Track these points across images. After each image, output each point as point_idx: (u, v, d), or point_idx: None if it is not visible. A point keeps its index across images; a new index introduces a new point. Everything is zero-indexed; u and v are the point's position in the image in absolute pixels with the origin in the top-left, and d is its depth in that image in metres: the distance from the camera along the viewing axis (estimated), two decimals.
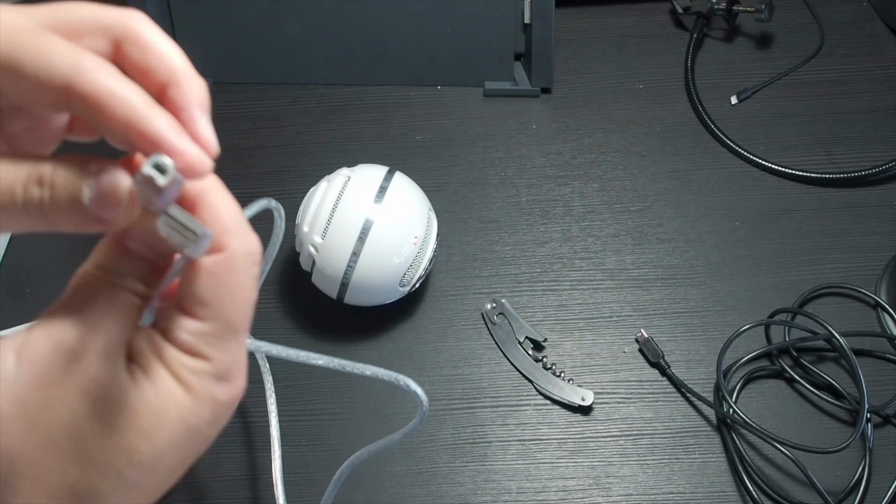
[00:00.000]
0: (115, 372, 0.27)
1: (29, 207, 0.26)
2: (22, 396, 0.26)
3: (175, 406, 0.28)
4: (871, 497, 0.65)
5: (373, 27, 0.86)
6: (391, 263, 0.68)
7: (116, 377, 0.27)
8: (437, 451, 0.69)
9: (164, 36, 0.28)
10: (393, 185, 0.69)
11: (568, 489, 0.67)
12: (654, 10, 0.94)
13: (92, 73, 0.26)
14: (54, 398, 0.26)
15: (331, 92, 0.89)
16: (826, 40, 0.91)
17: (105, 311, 0.27)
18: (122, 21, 0.27)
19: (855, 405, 0.67)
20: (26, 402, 0.26)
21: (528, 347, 0.73)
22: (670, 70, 0.89)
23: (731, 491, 0.66)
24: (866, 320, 0.74)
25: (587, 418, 0.70)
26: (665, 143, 0.85)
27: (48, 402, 0.26)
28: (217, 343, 0.28)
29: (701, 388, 0.70)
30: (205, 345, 0.28)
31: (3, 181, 0.26)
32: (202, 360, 0.28)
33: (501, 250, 0.79)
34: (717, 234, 0.79)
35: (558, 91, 0.88)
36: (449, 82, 0.89)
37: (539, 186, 0.82)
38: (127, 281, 0.28)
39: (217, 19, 0.86)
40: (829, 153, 0.83)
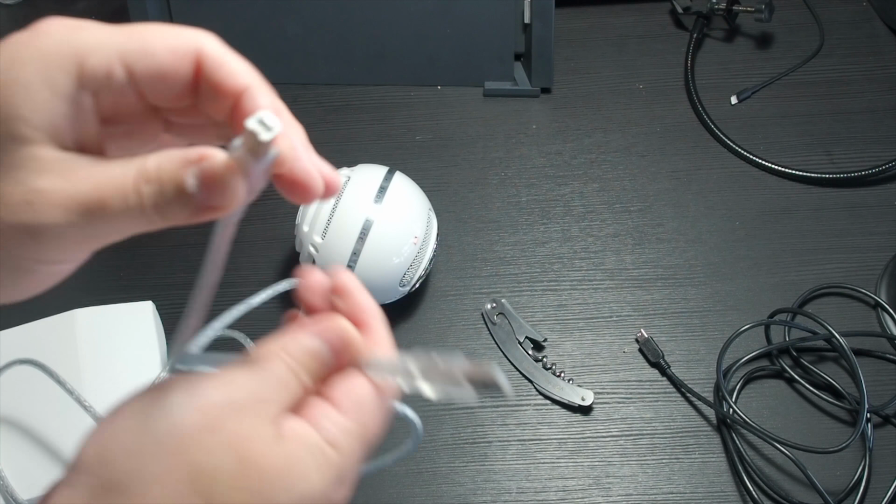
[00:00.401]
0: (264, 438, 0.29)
1: (143, 207, 0.28)
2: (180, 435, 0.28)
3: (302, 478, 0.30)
4: (871, 497, 0.65)
5: (373, 27, 0.86)
6: (391, 263, 0.68)
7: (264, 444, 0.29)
8: (437, 451, 0.69)
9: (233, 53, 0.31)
10: (393, 185, 0.69)
11: (568, 489, 0.67)
12: (654, 10, 0.94)
13: (216, 43, 0.30)
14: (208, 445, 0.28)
15: (331, 92, 0.89)
16: (826, 40, 0.91)
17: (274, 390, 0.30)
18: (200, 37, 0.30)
19: (855, 405, 0.67)
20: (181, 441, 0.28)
21: (528, 347, 0.73)
22: (670, 70, 0.89)
23: (731, 491, 0.66)
24: (866, 320, 0.74)
25: (587, 418, 0.70)
26: (665, 143, 0.85)
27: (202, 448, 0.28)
28: (351, 442, 0.31)
29: (701, 388, 0.70)
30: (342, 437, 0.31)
31: (114, 184, 0.28)
32: (335, 451, 0.31)
33: (501, 250, 0.79)
34: (717, 234, 0.79)
35: (558, 91, 0.88)
36: (449, 82, 0.89)
37: (539, 186, 0.82)
38: (303, 375, 0.31)
39: (217, 19, 0.86)
40: (829, 153, 0.83)
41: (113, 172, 0.28)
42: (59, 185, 0.27)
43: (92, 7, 0.96)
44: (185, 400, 0.29)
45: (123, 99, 0.30)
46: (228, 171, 0.28)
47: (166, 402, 0.29)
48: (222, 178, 0.28)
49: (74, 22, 0.29)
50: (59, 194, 0.27)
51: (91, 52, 0.28)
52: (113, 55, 0.29)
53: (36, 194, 0.27)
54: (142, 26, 0.30)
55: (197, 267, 0.32)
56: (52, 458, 0.62)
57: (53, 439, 0.63)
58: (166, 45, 0.29)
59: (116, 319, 0.67)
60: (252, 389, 0.30)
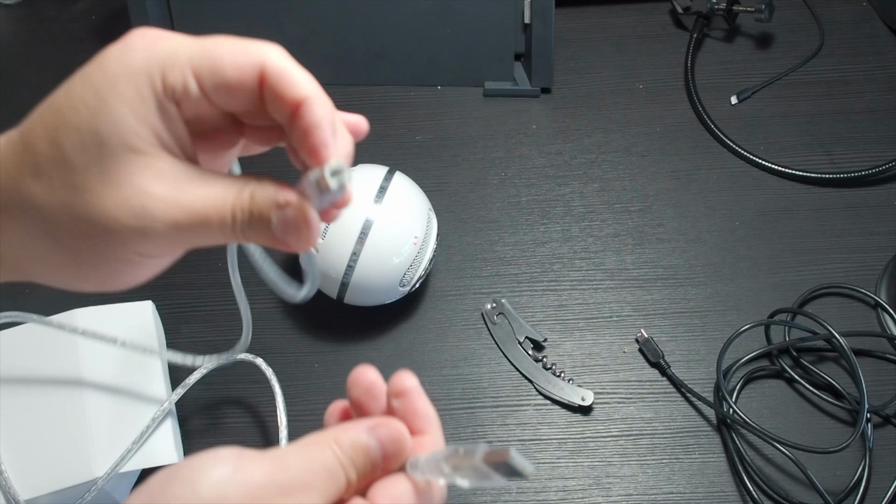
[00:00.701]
0: None
1: (234, 229, 0.32)
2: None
3: None
4: (871, 497, 0.65)
5: (373, 27, 0.86)
6: (391, 263, 0.68)
7: None
8: None
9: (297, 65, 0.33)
10: (393, 185, 0.69)
11: (568, 489, 0.67)
12: (654, 10, 0.94)
13: (279, 54, 0.32)
14: None
15: (331, 92, 0.87)
16: (826, 40, 0.91)
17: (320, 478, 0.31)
18: (264, 51, 0.32)
19: (855, 405, 0.67)
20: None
21: (528, 347, 0.73)
22: (670, 70, 0.89)
23: (731, 491, 0.66)
24: (866, 320, 0.74)
25: (587, 418, 0.70)
26: (665, 143, 0.85)
27: None
28: None
29: (701, 388, 0.70)
30: None
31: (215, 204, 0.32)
32: None
33: (501, 250, 0.79)
34: (717, 234, 0.79)
35: (558, 91, 0.88)
36: (449, 82, 0.89)
37: (539, 186, 0.82)
38: (350, 469, 0.32)
39: (217, 19, 0.86)
40: (829, 153, 0.83)
41: (216, 192, 0.32)
42: (171, 194, 0.31)
43: (92, 7, 0.96)
44: (233, 476, 0.30)
45: (201, 108, 0.33)
46: (304, 221, 0.32)
47: (216, 475, 0.30)
48: (298, 226, 0.32)
49: (155, 35, 0.32)
50: (170, 202, 0.31)
51: (169, 68, 0.31)
52: (187, 71, 0.31)
53: (151, 200, 0.31)
54: (213, 41, 0.32)
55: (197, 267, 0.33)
56: (53, 458, 0.62)
57: (54, 439, 0.63)
58: (233, 60, 0.32)
59: (116, 319, 0.67)
60: (298, 474, 0.31)
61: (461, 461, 0.31)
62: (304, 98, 0.32)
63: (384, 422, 0.34)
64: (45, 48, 0.94)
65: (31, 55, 0.93)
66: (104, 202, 0.31)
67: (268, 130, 0.36)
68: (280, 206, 0.32)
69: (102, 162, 0.31)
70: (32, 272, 0.35)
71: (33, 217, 0.32)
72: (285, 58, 0.33)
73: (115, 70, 0.31)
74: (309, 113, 0.32)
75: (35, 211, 0.32)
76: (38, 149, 0.32)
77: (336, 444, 0.32)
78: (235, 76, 0.32)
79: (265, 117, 0.34)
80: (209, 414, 0.71)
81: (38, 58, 0.93)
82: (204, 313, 0.75)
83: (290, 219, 0.32)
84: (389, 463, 0.33)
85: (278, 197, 0.32)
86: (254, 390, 0.71)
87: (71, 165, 0.31)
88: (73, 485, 0.61)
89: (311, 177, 0.32)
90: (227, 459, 0.30)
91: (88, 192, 0.31)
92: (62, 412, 0.63)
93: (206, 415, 0.71)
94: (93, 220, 0.31)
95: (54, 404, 0.64)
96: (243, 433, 0.70)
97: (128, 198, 0.31)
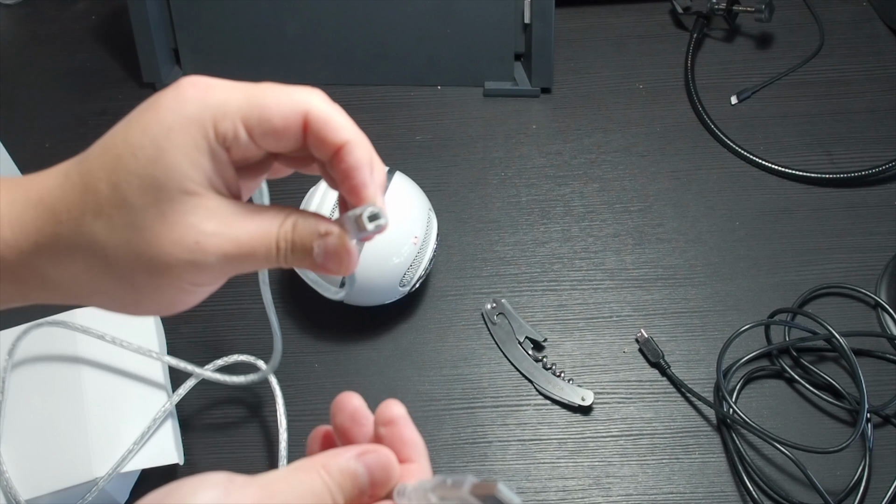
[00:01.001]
0: None
1: (279, 258, 0.36)
2: None
3: None
4: (871, 497, 0.65)
5: (373, 27, 0.86)
6: (391, 263, 0.68)
7: None
8: (437, 451, 0.69)
9: (338, 109, 0.36)
10: (393, 186, 0.69)
11: (568, 489, 0.67)
12: (654, 10, 0.94)
13: (322, 101, 0.35)
14: None
15: (331, 92, 0.87)
16: (826, 40, 0.91)
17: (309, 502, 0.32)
18: (308, 98, 0.35)
19: (855, 405, 0.67)
20: None
21: (528, 347, 0.73)
22: (670, 70, 0.89)
23: (731, 491, 0.66)
24: (866, 320, 0.74)
25: (587, 418, 0.70)
26: (665, 143, 0.85)
27: None
28: None
29: (701, 388, 0.70)
30: None
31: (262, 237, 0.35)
32: None
33: (501, 250, 0.79)
34: (717, 234, 0.79)
35: (558, 91, 0.88)
36: (449, 82, 0.89)
37: (539, 186, 0.82)
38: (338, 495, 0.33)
39: (217, 19, 0.86)
40: (829, 153, 0.83)
41: (261, 226, 0.35)
42: (222, 230, 0.34)
43: (92, 7, 0.96)
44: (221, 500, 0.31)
45: (249, 151, 0.35)
46: (345, 251, 0.35)
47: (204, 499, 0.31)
48: (339, 255, 0.35)
49: (205, 84, 0.34)
50: (221, 238, 0.34)
51: (221, 118, 0.34)
52: (237, 120, 0.34)
53: (204, 236, 0.34)
54: (261, 89, 0.35)
55: None
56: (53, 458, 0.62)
57: (55, 439, 0.63)
58: (279, 110, 0.34)
59: (116, 319, 0.67)
60: (287, 500, 0.32)
61: (449, 492, 0.32)
62: (346, 142, 0.35)
63: (372, 448, 0.34)
64: (45, 48, 0.94)
65: (31, 55, 0.93)
66: (161, 240, 0.34)
67: (300, 159, 0.39)
68: (321, 236, 0.35)
69: (160, 204, 0.34)
70: (88, 300, 0.37)
71: (94, 253, 0.35)
72: (327, 103, 0.35)
73: (171, 120, 0.34)
74: (349, 157, 0.35)
75: (96, 247, 0.35)
76: (100, 190, 0.34)
77: (324, 469, 0.33)
78: (282, 124, 0.34)
79: (303, 152, 0.37)
80: (209, 414, 0.71)
81: (38, 58, 0.93)
82: (204, 313, 0.75)
83: (331, 247, 0.35)
84: (377, 490, 0.34)
85: (319, 227, 0.35)
86: (254, 391, 0.71)
87: (130, 207, 0.34)
88: (73, 485, 0.61)
89: (351, 214, 0.35)
90: (217, 484, 0.31)
91: (147, 231, 0.34)
92: (63, 412, 0.63)
93: (206, 415, 0.71)
94: (151, 256, 0.34)
95: (55, 404, 0.64)
96: (243, 434, 0.70)
97: (183, 235, 0.34)
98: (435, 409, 0.70)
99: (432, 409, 0.70)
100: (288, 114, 0.34)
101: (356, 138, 0.36)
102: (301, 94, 0.35)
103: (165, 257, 0.34)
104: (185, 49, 0.88)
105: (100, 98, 0.89)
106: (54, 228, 0.35)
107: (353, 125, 0.36)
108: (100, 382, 0.65)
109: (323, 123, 0.35)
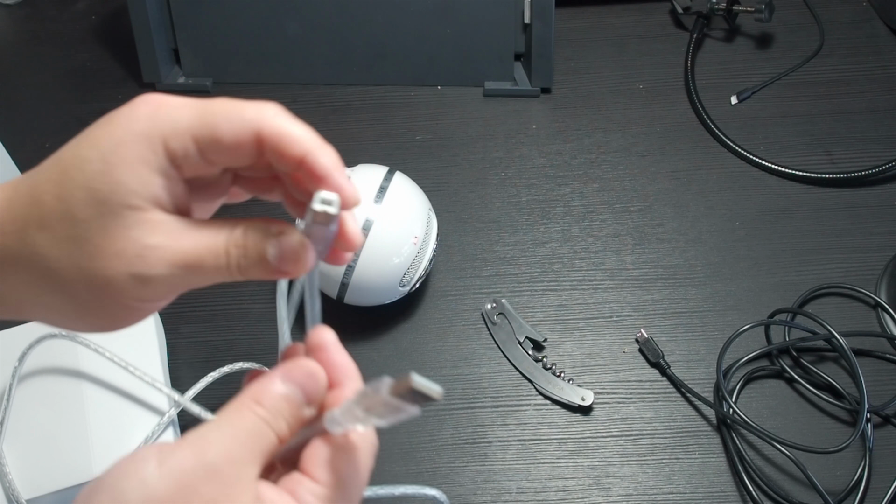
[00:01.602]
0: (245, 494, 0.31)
1: (230, 266, 0.34)
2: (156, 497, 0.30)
3: None
4: (871, 497, 0.65)
5: (373, 27, 0.86)
6: (391, 263, 0.68)
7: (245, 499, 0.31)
8: (437, 451, 0.69)
9: (294, 120, 0.35)
10: (393, 185, 0.69)
11: (568, 489, 0.67)
12: (654, 10, 0.94)
13: (274, 116, 0.34)
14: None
15: (331, 92, 0.89)
16: (826, 40, 0.91)
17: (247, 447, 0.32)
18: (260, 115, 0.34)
19: (855, 405, 0.68)
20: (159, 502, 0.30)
21: (528, 347, 0.73)
22: (670, 70, 0.89)
23: (731, 491, 0.66)
24: (866, 320, 0.74)
25: (587, 418, 0.70)
26: (665, 143, 0.85)
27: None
28: None
29: (701, 388, 0.70)
30: None
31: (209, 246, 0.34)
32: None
33: (501, 250, 0.79)
34: (717, 234, 0.79)
35: (558, 91, 0.88)
36: (449, 82, 0.89)
37: (539, 186, 0.82)
38: (277, 422, 0.33)
39: (217, 19, 0.86)
40: (829, 153, 0.83)
41: (208, 236, 0.34)
42: (166, 243, 0.34)
43: (92, 7, 0.96)
44: (156, 471, 0.30)
45: (201, 168, 0.35)
46: (301, 246, 0.34)
47: (139, 475, 0.31)
48: (295, 252, 0.34)
49: (157, 102, 0.34)
50: (166, 250, 0.34)
51: (171, 135, 0.33)
52: (188, 138, 0.34)
53: (147, 250, 0.33)
54: (212, 106, 0.34)
55: None
56: (54, 458, 0.62)
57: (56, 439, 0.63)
58: (230, 127, 0.34)
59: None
60: (223, 449, 0.31)
61: (372, 401, 0.31)
62: (306, 153, 0.34)
63: (293, 365, 0.34)
64: (45, 48, 0.94)
65: (31, 55, 0.93)
66: (103, 253, 0.33)
67: (259, 181, 0.38)
68: (274, 235, 0.34)
69: (103, 218, 0.33)
70: (31, 314, 0.37)
71: (36, 265, 0.34)
72: (281, 117, 0.34)
73: (121, 135, 0.34)
74: (315, 166, 0.34)
75: (39, 259, 0.34)
76: (45, 203, 0.34)
77: (256, 404, 0.33)
78: (233, 141, 0.34)
79: (262, 169, 0.36)
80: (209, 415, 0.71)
81: (38, 58, 0.93)
82: (204, 313, 0.75)
83: (286, 245, 0.34)
84: (314, 401, 0.34)
85: (271, 228, 0.34)
86: None
87: (74, 219, 0.33)
88: (74, 484, 0.61)
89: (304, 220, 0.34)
90: (147, 457, 0.31)
91: (89, 244, 0.33)
92: (63, 412, 0.63)
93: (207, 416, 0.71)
94: (92, 269, 0.34)
95: (56, 404, 0.64)
96: None
97: (125, 248, 0.33)
98: (435, 409, 0.70)
99: (432, 409, 0.70)
100: (239, 131, 0.34)
101: (317, 147, 0.34)
102: (253, 111, 0.34)
103: (107, 270, 0.33)
104: (185, 49, 0.88)
105: (100, 98, 0.89)
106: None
107: (312, 135, 0.35)
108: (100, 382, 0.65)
109: (278, 138, 0.34)
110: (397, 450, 0.69)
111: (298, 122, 0.35)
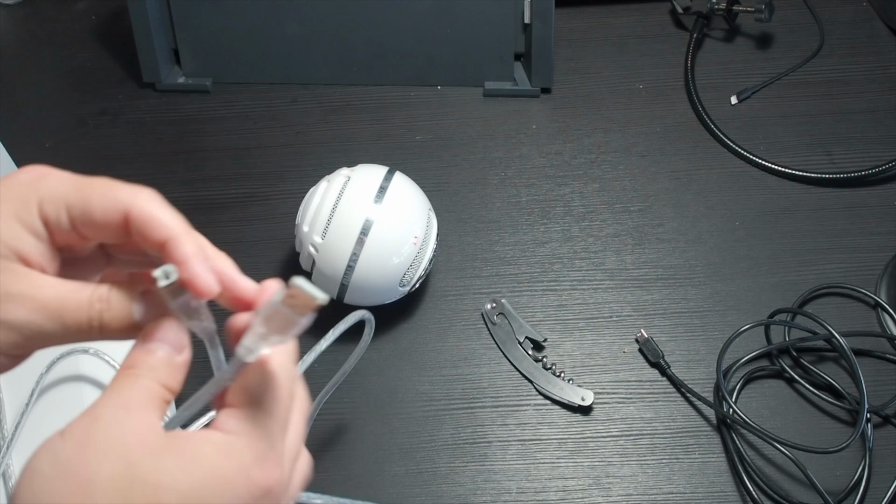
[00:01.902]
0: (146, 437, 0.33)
1: (92, 319, 0.35)
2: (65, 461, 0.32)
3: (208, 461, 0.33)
4: (871, 497, 0.65)
5: (373, 27, 0.86)
6: (391, 263, 0.68)
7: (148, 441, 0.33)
8: (437, 451, 0.69)
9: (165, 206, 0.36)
10: (393, 185, 0.69)
11: (568, 489, 0.67)
12: (654, 10, 0.94)
13: (145, 200, 0.36)
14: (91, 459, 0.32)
15: (331, 92, 0.89)
16: (826, 40, 0.91)
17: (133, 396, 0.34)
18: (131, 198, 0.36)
19: (855, 405, 0.67)
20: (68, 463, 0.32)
21: (528, 347, 0.73)
22: (670, 70, 0.89)
23: (731, 491, 0.66)
24: (866, 320, 0.74)
25: (587, 418, 0.70)
26: (665, 143, 0.85)
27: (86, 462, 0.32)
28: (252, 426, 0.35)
29: (701, 388, 0.70)
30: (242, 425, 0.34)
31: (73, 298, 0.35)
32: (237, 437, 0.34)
33: (501, 250, 0.79)
34: (717, 234, 0.79)
35: (558, 91, 0.88)
36: (449, 82, 0.89)
37: (539, 186, 0.82)
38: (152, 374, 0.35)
39: (217, 19, 0.86)
40: (829, 153, 0.83)
41: (73, 288, 0.35)
42: (29, 292, 0.35)
43: (92, 7, 0.96)
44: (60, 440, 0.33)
45: (72, 238, 0.37)
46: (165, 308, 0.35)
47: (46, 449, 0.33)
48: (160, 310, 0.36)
49: (41, 172, 0.36)
50: (25, 299, 0.35)
51: (47, 201, 0.36)
52: (61, 206, 0.36)
53: (9, 296, 0.34)
54: (89, 183, 0.36)
55: None
56: None
57: None
58: (102, 204, 0.36)
59: None
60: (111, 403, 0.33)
61: (271, 315, 0.33)
62: (168, 239, 0.36)
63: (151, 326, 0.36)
64: (45, 48, 0.94)
65: (31, 55, 0.93)
66: None
67: (134, 263, 0.40)
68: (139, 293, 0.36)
69: None
70: None
71: None
72: (152, 202, 0.36)
73: (1, 194, 0.36)
74: (175, 252, 0.35)
75: None
76: None
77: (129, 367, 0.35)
78: (102, 218, 0.36)
79: (132, 251, 0.38)
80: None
81: (38, 58, 0.93)
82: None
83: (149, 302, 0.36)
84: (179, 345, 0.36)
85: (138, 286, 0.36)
86: None
87: None
88: None
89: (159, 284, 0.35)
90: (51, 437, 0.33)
91: None
92: (65, 412, 0.63)
93: None
94: None
95: (57, 405, 0.64)
96: None
97: None
98: (435, 409, 0.70)
99: (432, 409, 0.70)
100: (109, 209, 0.36)
101: (180, 234, 0.36)
102: (126, 192, 0.36)
103: None
104: (185, 49, 0.88)
105: (100, 98, 0.89)
106: None
107: (180, 222, 0.36)
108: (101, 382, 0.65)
109: (144, 221, 0.36)
110: (397, 450, 0.69)
111: (170, 209, 0.37)
